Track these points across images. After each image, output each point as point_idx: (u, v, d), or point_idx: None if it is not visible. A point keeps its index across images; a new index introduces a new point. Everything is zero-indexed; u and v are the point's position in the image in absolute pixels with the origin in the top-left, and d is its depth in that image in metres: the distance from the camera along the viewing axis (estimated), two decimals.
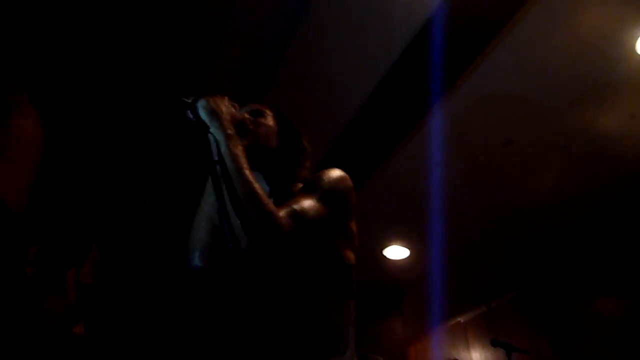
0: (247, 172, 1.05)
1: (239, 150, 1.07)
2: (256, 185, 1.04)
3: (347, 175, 1.21)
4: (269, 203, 1.03)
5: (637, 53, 2.53)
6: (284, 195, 1.21)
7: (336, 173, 1.21)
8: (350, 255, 1.20)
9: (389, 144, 3.31)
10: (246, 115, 1.25)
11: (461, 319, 5.23)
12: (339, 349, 1.10)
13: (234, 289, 1.20)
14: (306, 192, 1.16)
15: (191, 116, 1.11)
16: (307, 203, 1.11)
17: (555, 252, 4.26)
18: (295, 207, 1.08)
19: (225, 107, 1.13)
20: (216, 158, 1.07)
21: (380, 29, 2.59)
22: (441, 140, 3.21)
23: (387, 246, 4.32)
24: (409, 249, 4.37)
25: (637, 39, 2.48)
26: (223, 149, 1.07)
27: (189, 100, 1.12)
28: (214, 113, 1.10)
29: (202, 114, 1.10)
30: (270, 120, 1.30)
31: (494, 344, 3.46)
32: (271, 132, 1.28)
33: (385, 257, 4.45)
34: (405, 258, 4.45)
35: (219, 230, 1.13)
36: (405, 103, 3.02)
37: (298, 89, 2.95)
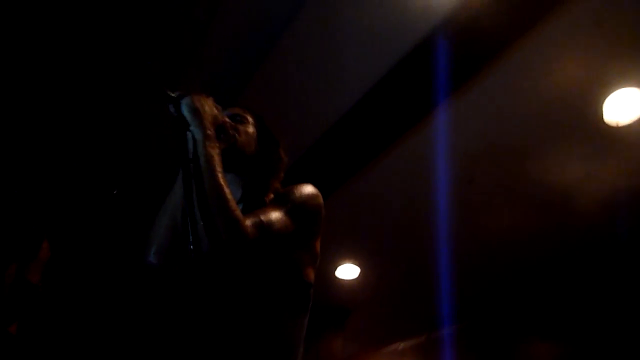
0: (220, 175, 1.04)
1: (215, 152, 1.07)
2: (226, 190, 1.03)
3: (318, 193, 1.22)
4: (237, 209, 1.02)
5: (602, 119, 2.64)
6: (255, 203, 1.20)
7: (309, 189, 1.21)
8: (311, 274, 1.21)
9: (352, 166, 3.33)
10: (227, 119, 1.23)
11: (401, 345, 5.29)
12: None
13: (187, 293, 1.18)
14: (276, 204, 1.16)
15: (173, 111, 1.10)
16: (275, 215, 1.11)
17: (500, 292, 4.37)
18: (263, 217, 1.08)
19: (209, 107, 1.12)
20: (191, 156, 1.07)
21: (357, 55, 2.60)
22: (405, 171, 3.26)
23: (339, 264, 4.32)
24: (360, 267, 4.39)
25: (603, 102, 2.60)
26: (200, 148, 1.06)
27: (174, 95, 1.11)
28: (196, 112, 1.09)
29: (185, 110, 1.09)
30: (250, 127, 1.29)
31: None
32: (250, 139, 1.27)
33: (336, 276, 4.45)
34: (356, 278, 4.47)
35: (181, 229, 1.12)
36: (372, 130, 3.05)
37: (271, 98, 2.93)
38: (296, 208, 1.16)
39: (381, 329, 5.31)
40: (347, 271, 4.39)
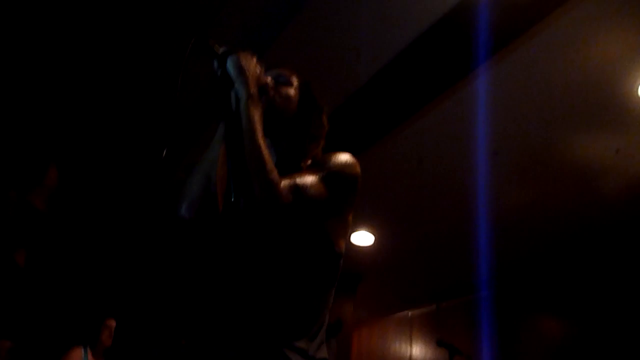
0: (259, 135, 1.04)
1: (257, 113, 1.07)
2: (265, 152, 1.03)
3: (357, 163, 1.20)
4: (274, 171, 1.02)
5: (636, 95, 2.56)
6: (291, 168, 1.17)
7: (347, 158, 1.19)
8: (342, 244, 1.19)
9: (371, 136, 3.27)
10: (270, 80, 1.20)
11: (409, 313, 5.35)
12: (309, 332, 1.09)
13: (219, 250, 1.17)
14: (313, 171, 1.14)
15: (217, 67, 1.09)
16: (311, 181, 1.10)
17: (515, 266, 4.37)
18: (299, 182, 1.07)
19: (253, 66, 1.11)
20: (234, 114, 1.07)
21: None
22: (428, 139, 3.20)
23: (354, 230, 4.33)
24: (374, 235, 4.40)
25: (639, 84, 2.51)
26: (242, 107, 1.06)
27: (220, 51, 1.09)
28: (241, 70, 1.08)
29: (231, 68, 1.08)
30: (292, 90, 1.25)
31: (440, 344, 3.55)
32: (290, 102, 1.24)
33: (350, 242, 4.46)
34: (369, 245, 4.48)
35: (217, 187, 1.12)
36: (397, 97, 2.98)
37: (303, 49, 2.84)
38: (333, 175, 1.14)
39: (391, 296, 5.36)
40: (362, 238, 4.40)
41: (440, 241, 4.30)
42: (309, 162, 1.23)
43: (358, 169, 1.19)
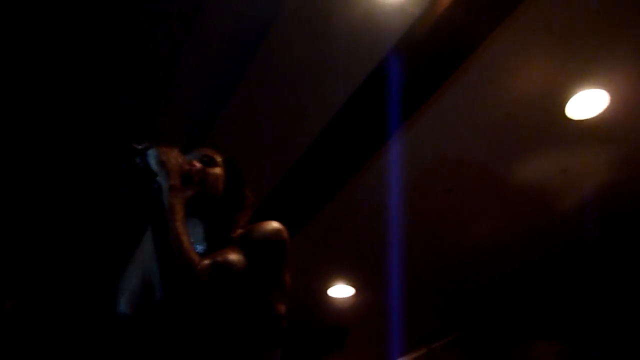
0: (178, 223, 1.11)
1: (177, 202, 1.14)
2: (183, 237, 1.10)
3: (282, 228, 1.28)
4: (192, 253, 1.10)
5: (566, 116, 2.70)
6: (222, 241, 1.25)
7: (271, 226, 1.27)
8: (281, 307, 1.24)
9: (334, 184, 3.35)
10: (196, 164, 1.28)
11: None
12: None
13: (158, 340, 1.20)
14: (237, 245, 1.22)
15: (140, 162, 1.17)
16: (233, 256, 1.17)
17: (496, 296, 4.39)
18: (219, 259, 1.15)
19: (174, 158, 1.19)
20: (156, 206, 1.14)
21: (335, 68, 2.65)
22: (385, 183, 3.29)
23: (331, 285, 4.32)
24: (354, 287, 4.39)
25: (566, 104, 2.66)
26: (163, 197, 1.13)
27: (140, 147, 1.17)
28: (162, 164, 1.15)
29: (152, 162, 1.16)
30: (217, 169, 1.34)
31: None
32: (218, 181, 1.33)
33: (329, 296, 4.44)
34: (350, 297, 4.46)
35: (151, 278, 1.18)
36: (353, 144, 3.09)
37: (248, 124, 2.97)
38: (257, 247, 1.22)
39: (381, 346, 5.27)
40: (341, 291, 4.38)
41: (420, 282, 4.30)
42: (239, 231, 1.30)
43: (284, 234, 1.27)
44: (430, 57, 2.37)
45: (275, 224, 1.28)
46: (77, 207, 3.45)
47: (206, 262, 1.12)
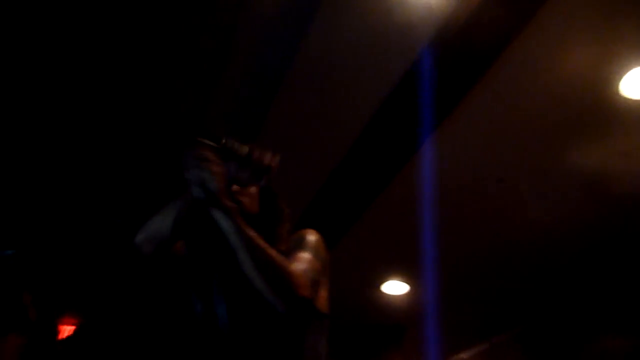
0: (262, 241, 1.14)
1: (243, 223, 1.13)
2: (271, 251, 1.13)
3: (321, 237, 1.35)
4: (288, 263, 1.15)
5: (620, 94, 2.56)
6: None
7: (316, 235, 1.34)
8: (325, 304, 1.31)
9: (383, 178, 3.34)
10: (234, 187, 1.29)
11: (464, 355, 5.14)
12: None
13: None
14: (299, 250, 1.27)
15: (200, 194, 1.12)
16: (307, 259, 1.24)
17: (557, 289, 4.21)
18: (304, 265, 1.21)
19: (221, 180, 1.14)
20: (217, 237, 1.15)
21: (371, 68, 2.64)
22: (434, 176, 3.23)
23: (385, 281, 4.30)
24: (408, 284, 4.35)
25: (620, 80, 2.51)
26: (229, 224, 1.11)
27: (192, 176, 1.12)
28: (215, 191, 1.11)
29: (203, 192, 1.12)
30: (253, 188, 1.34)
31: None
32: (254, 199, 1.34)
33: (383, 292, 4.42)
34: (405, 293, 4.42)
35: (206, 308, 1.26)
36: (396, 139, 3.06)
37: (292, 125, 3.01)
38: (315, 252, 1.28)
39: (441, 341, 5.19)
40: (395, 287, 4.35)
41: (475, 276, 4.20)
42: (283, 245, 1.31)
43: (323, 241, 1.35)
44: (468, 49, 2.31)
45: (316, 232, 1.33)
46: (139, 216, 3.60)
47: (298, 270, 1.17)
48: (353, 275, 4.13)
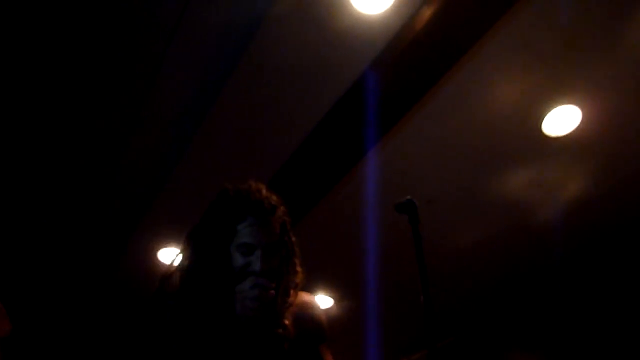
0: None
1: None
2: None
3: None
4: None
5: (541, 131, 2.76)
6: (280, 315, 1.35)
7: (323, 311, 1.47)
8: None
9: (313, 196, 3.35)
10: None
11: None
12: None
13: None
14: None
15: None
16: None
17: (473, 308, 4.41)
18: None
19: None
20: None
21: (311, 87, 2.67)
22: (368, 195, 3.29)
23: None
24: (333, 298, 4.37)
25: (543, 118, 2.72)
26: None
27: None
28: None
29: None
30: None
31: None
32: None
33: None
34: (329, 308, 4.43)
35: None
36: (329, 161, 3.10)
37: (229, 134, 2.95)
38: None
39: (359, 358, 5.24)
40: (320, 302, 4.35)
41: (397, 297, 4.30)
42: (292, 309, 1.37)
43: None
44: (409, 71, 2.40)
45: (320, 308, 1.46)
46: None
47: None
48: None
